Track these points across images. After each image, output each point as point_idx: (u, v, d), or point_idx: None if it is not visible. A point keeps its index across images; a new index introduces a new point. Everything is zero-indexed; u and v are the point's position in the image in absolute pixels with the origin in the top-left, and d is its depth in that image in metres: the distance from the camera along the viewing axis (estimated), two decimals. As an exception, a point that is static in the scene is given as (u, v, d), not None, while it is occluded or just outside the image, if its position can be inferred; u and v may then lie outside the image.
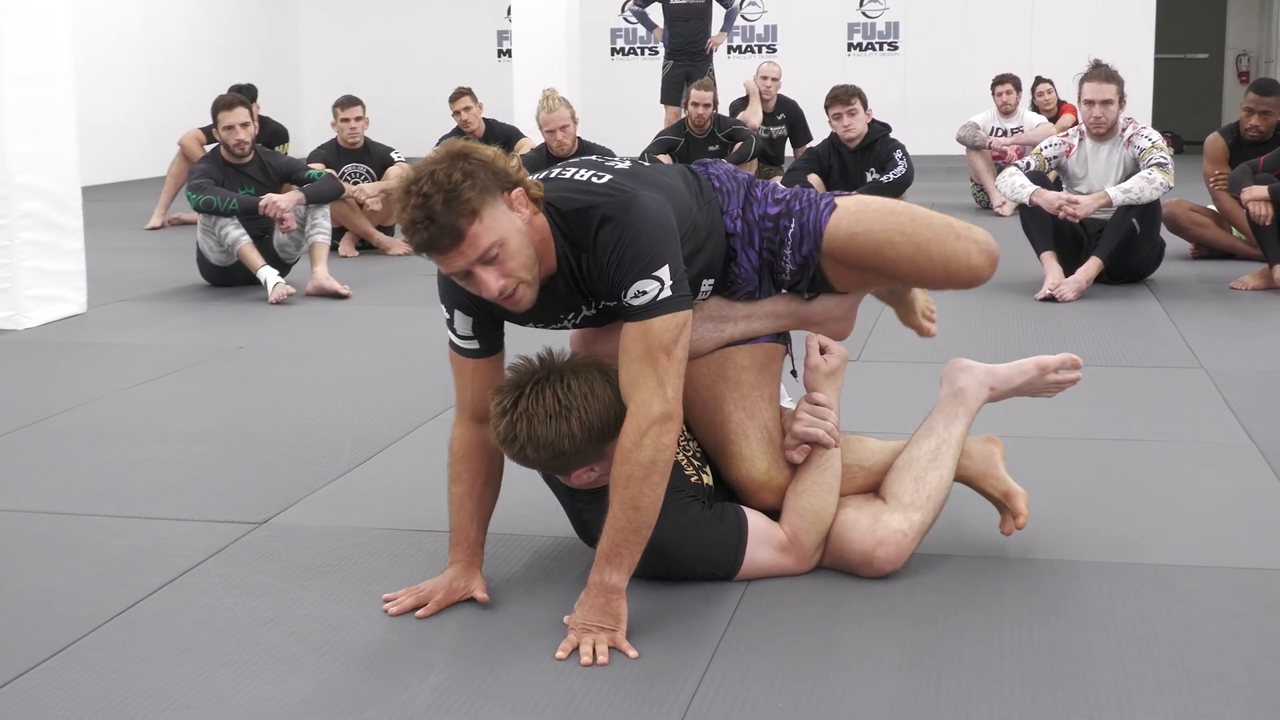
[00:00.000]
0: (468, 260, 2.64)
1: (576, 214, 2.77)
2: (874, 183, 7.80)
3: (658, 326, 2.70)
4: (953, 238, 3.05)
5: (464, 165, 2.62)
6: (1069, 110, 11.50)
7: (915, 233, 3.02)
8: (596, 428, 2.76)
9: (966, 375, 3.30)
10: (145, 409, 4.83)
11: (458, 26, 18.00)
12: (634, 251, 2.70)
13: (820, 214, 3.03)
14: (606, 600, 2.72)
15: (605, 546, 2.72)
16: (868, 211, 3.06)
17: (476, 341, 2.94)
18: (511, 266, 2.68)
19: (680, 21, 12.57)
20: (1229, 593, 2.95)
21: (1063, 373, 3.35)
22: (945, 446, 3.17)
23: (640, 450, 2.67)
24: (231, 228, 7.15)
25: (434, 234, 2.59)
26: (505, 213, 2.68)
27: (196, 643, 2.78)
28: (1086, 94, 6.83)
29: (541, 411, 2.73)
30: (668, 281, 2.71)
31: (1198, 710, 2.42)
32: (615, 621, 2.71)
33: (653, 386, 2.69)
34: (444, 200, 2.58)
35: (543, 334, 3.03)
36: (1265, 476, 3.79)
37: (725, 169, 3.15)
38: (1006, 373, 3.32)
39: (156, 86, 15.42)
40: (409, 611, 2.91)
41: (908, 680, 2.57)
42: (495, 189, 2.66)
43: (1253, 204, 6.78)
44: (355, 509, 3.65)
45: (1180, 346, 5.59)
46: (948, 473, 3.15)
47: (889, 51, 17.07)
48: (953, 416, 3.22)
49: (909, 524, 3.06)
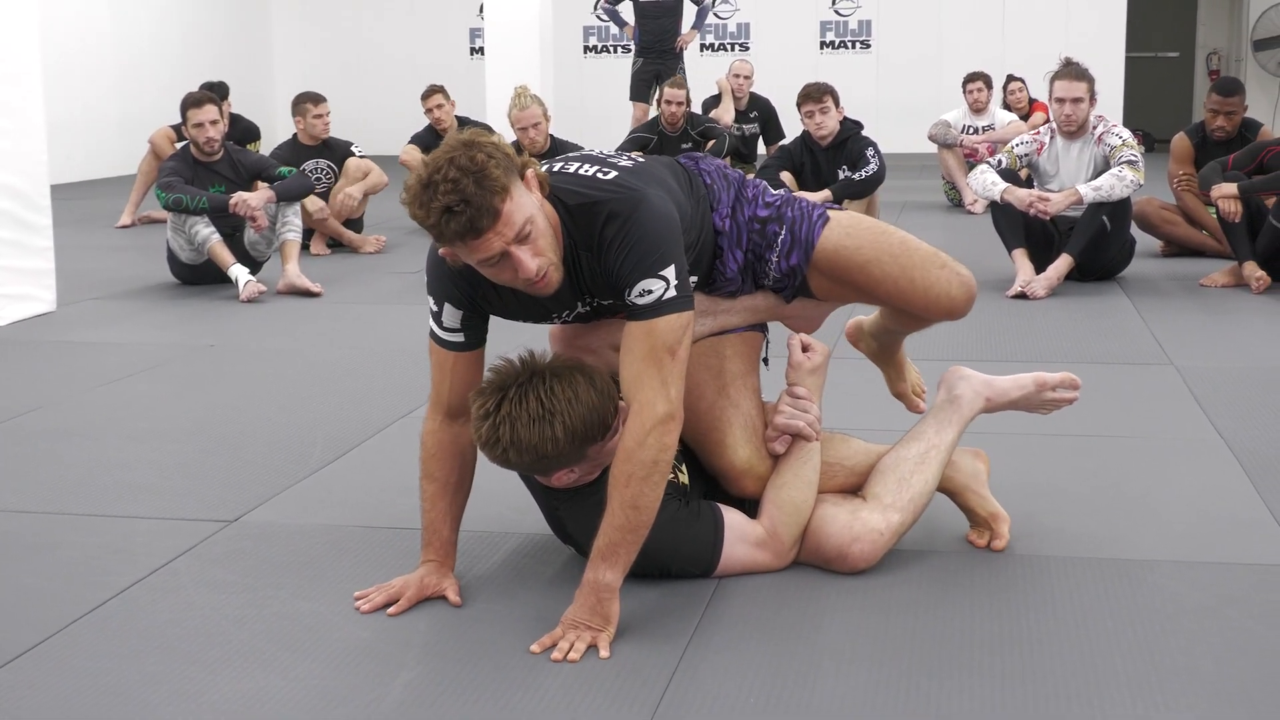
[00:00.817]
0: (505, 240, 2.59)
1: (583, 209, 2.75)
2: (846, 180, 7.81)
3: (662, 326, 2.69)
4: (937, 266, 3.08)
5: (482, 149, 2.58)
6: (1040, 108, 11.53)
7: (903, 255, 3.06)
8: (580, 431, 2.75)
9: (964, 384, 3.30)
10: (115, 407, 4.81)
11: (430, 24, 17.96)
12: (641, 250, 2.69)
13: (813, 226, 3.05)
14: (599, 599, 2.71)
15: (601, 545, 2.71)
16: (859, 228, 3.08)
17: (462, 334, 2.92)
18: (542, 245, 2.66)
19: (650, 19, 12.57)
20: (1197, 588, 2.97)
21: (1061, 391, 3.34)
22: (933, 452, 3.17)
23: (644, 450, 2.66)
24: (202, 226, 7.12)
25: (472, 215, 2.54)
26: (526, 192, 2.66)
27: (167, 641, 2.77)
28: (1058, 92, 6.85)
29: (525, 415, 2.71)
30: (673, 281, 2.70)
31: (1166, 704, 2.44)
32: (604, 622, 2.71)
33: (656, 386, 2.69)
34: (475, 181, 2.53)
35: (521, 333, 3.03)
36: (1234, 472, 3.82)
37: (716, 165, 3.14)
38: (1004, 385, 3.32)
39: (126, 84, 15.33)
40: (380, 609, 2.90)
41: (879, 674, 2.57)
42: (514, 169, 2.64)
43: (1222, 201, 6.82)
44: (327, 507, 3.65)
45: (1150, 343, 5.62)
46: (932, 478, 3.15)
47: (861, 50, 17.08)
48: (945, 423, 3.23)
49: (887, 524, 3.07)
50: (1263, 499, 3.57)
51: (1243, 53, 17.35)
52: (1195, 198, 7.85)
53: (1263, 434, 4.18)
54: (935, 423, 3.23)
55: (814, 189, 7.90)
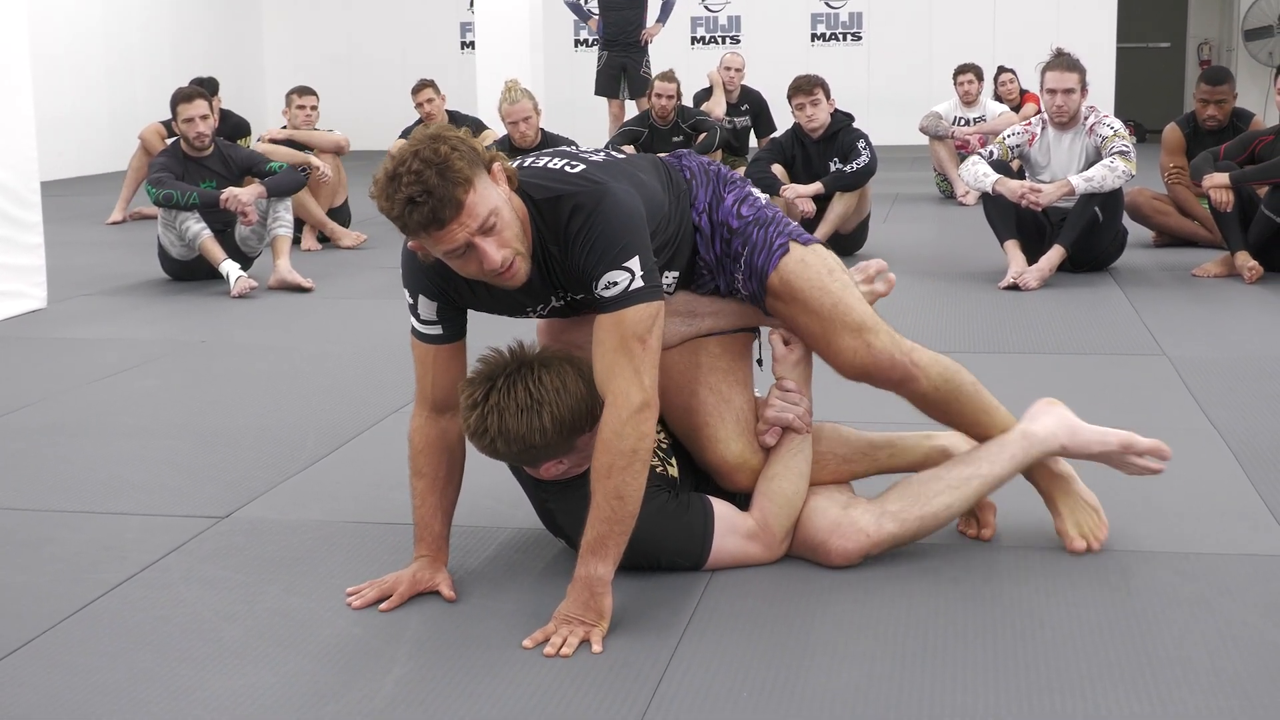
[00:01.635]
0: (469, 231, 2.62)
1: (549, 202, 2.77)
2: (837, 173, 7.80)
3: (630, 316, 2.70)
4: (851, 333, 3.02)
5: (446, 142, 2.61)
6: (1031, 99, 11.53)
7: (830, 315, 3.01)
8: (568, 422, 2.75)
9: (1047, 420, 3.16)
10: (106, 404, 4.80)
11: (421, 18, 17.94)
12: (605, 242, 2.71)
13: (771, 256, 3.03)
14: (591, 594, 2.71)
15: (590, 538, 2.71)
16: (803, 277, 3.04)
17: (439, 327, 2.93)
18: (507, 236, 2.68)
19: (614, 11, 12.50)
20: (1191, 579, 2.97)
21: (1148, 460, 3.16)
22: (975, 481, 3.07)
23: (622, 440, 2.67)
24: (192, 221, 7.10)
25: (434, 206, 2.57)
26: (491, 184, 2.68)
27: (158, 638, 2.76)
28: (1049, 83, 6.85)
29: (513, 405, 2.72)
30: (638, 272, 2.71)
31: (1160, 695, 2.43)
32: (598, 617, 2.71)
33: (629, 376, 2.69)
34: (438, 173, 2.56)
35: (510, 325, 3.02)
36: (1227, 463, 3.81)
37: (699, 161, 3.15)
38: (1088, 437, 3.15)
39: (117, 80, 15.30)
40: (373, 605, 2.90)
41: (873, 668, 2.57)
42: (479, 162, 2.66)
43: (1214, 191, 6.81)
44: (318, 502, 3.64)
45: (1143, 334, 5.61)
46: (959, 506, 3.08)
47: (852, 42, 17.08)
48: (1003, 457, 3.10)
49: (877, 529, 3.03)
50: (1256, 489, 3.57)
51: (1234, 43, 17.36)
52: (1186, 190, 7.85)
53: (1256, 424, 4.18)
54: (995, 450, 3.11)
55: (805, 181, 7.89)
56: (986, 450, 3.11)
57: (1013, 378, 4.84)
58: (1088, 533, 3.14)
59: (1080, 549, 3.11)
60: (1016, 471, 3.11)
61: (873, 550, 3.04)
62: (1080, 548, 3.11)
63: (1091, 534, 3.14)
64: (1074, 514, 3.16)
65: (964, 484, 3.06)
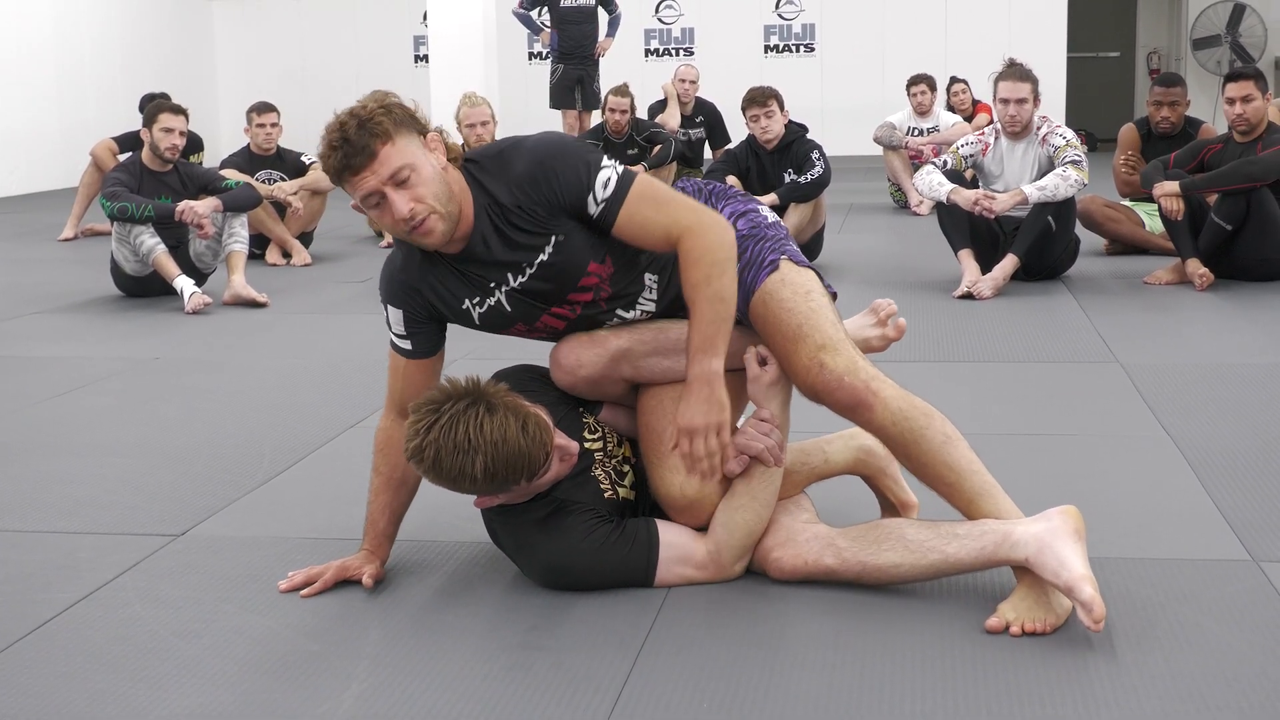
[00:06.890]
0: (379, 179, 2.76)
1: (492, 157, 2.93)
2: (791, 184, 7.82)
3: (641, 184, 2.88)
4: (809, 353, 2.94)
5: (382, 104, 2.82)
6: (984, 109, 11.61)
7: (794, 338, 2.97)
8: (499, 474, 2.76)
9: (1035, 528, 2.80)
10: (58, 422, 4.76)
11: (374, 33, 17.91)
12: (565, 164, 2.87)
13: (759, 273, 3.03)
14: (710, 388, 2.82)
15: (697, 340, 2.84)
16: (778, 299, 3.01)
17: (409, 342, 3.02)
18: (422, 193, 2.80)
19: (571, 24, 12.49)
20: (1146, 584, 2.99)
21: (1081, 613, 2.63)
22: (931, 555, 2.85)
23: (712, 252, 2.83)
24: (147, 236, 7.05)
25: (348, 152, 2.75)
26: (420, 148, 2.84)
27: (114, 658, 2.74)
28: (1001, 93, 6.91)
29: (450, 444, 2.73)
30: (612, 164, 2.90)
31: (1117, 699, 2.45)
32: (721, 410, 2.82)
33: (685, 211, 2.87)
34: (359, 124, 2.76)
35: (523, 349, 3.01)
36: (1180, 469, 3.84)
37: (693, 184, 3.20)
38: (1049, 562, 2.73)
39: (67, 96, 15.20)
40: (297, 589, 3.01)
41: (832, 677, 2.57)
42: (411, 127, 2.84)
43: (1165, 199, 6.87)
44: (274, 519, 3.62)
45: (1095, 341, 5.65)
46: (905, 571, 2.89)
47: (805, 53, 17.15)
48: (972, 545, 2.84)
49: (816, 559, 2.95)
50: (1209, 494, 3.60)
51: (1182, 51, 17.53)
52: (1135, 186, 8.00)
53: (1208, 430, 4.21)
54: (968, 533, 2.86)
55: (760, 193, 7.90)
56: (963, 529, 2.87)
57: (967, 386, 4.87)
58: (1022, 618, 2.76)
59: (996, 628, 2.75)
60: (982, 566, 2.85)
61: (808, 577, 2.97)
62: (996, 627, 2.76)
63: (1026, 620, 2.76)
64: (1024, 600, 2.79)
65: (920, 551, 2.88)
